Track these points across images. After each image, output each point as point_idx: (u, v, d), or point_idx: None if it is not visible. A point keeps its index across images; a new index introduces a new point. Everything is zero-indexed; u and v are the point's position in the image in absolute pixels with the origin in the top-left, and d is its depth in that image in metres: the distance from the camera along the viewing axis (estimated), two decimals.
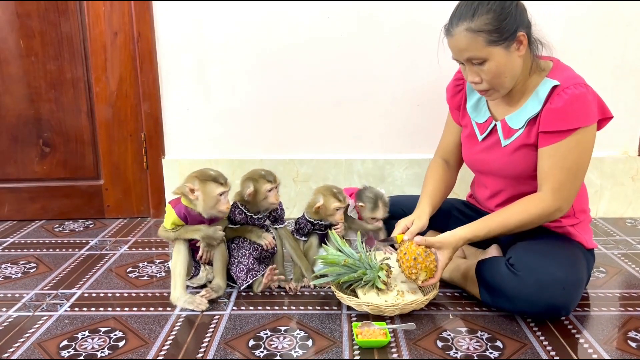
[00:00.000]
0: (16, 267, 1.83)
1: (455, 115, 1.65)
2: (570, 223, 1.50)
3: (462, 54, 1.35)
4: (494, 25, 1.30)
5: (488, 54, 1.33)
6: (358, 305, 1.45)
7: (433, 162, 1.71)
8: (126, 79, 2.21)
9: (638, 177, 2.27)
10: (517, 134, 1.44)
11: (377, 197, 1.71)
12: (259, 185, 1.56)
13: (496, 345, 1.32)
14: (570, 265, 1.38)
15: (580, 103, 1.34)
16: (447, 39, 1.38)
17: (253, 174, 1.59)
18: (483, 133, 1.53)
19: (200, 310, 1.49)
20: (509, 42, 1.32)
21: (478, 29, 1.30)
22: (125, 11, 2.14)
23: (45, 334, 1.39)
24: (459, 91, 1.61)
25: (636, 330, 1.38)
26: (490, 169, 1.54)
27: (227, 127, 2.28)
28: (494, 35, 1.31)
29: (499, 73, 1.35)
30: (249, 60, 2.20)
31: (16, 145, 2.26)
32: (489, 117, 1.52)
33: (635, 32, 2.14)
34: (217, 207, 1.50)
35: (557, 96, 1.35)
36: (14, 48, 2.16)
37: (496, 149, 1.50)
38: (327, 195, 1.63)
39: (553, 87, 1.37)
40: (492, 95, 1.43)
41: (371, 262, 1.48)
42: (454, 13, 1.36)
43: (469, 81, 1.41)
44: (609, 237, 2.07)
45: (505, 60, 1.34)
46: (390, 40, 2.17)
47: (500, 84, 1.38)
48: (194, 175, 1.50)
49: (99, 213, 2.35)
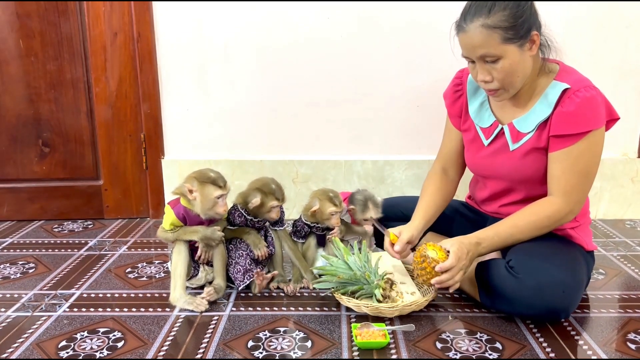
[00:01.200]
0: (15, 268, 1.83)
1: (456, 122, 1.62)
2: (571, 226, 1.50)
3: (476, 50, 1.33)
4: (511, 23, 1.29)
5: (503, 51, 1.31)
6: (357, 307, 1.45)
7: (431, 171, 1.69)
8: (126, 80, 2.21)
9: (638, 179, 2.27)
10: (527, 138, 1.43)
11: (366, 199, 1.71)
12: (267, 200, 1.56)
13: (495, 346, 1.31)
14: (570, 268, 1.38)
15: (592, 106, 1.34)
16: (459, 35, 1.35)
17: (264, 186, 1.57)
18: (489, 137, 1.51)
19: (199, 311, 1.49)
20: (523, 40, 1.32)
21: (494, 25, 1.29)
22: (125, 11, 2.14)
23: (44, 335, 1.39)
24: (459, 97, 1.59)
25: (635, 332, 1.38)
26: (497, 174, 1.53)
27: (227, 128, 2.28)
28: (509, 33, 1.29)
29: (512, 72, 1.34)
30: (248, 61, 2.20)
31: (15, 145, 2.26)
32: (494, 121, 1.50)
33: (635, 33, 2.14)
34: (215, 209, 1.49)
35: (569, 99, 1.35)
36: (13, 48, 2.16)
37: (504, 153, 1.49)
38: (323, 200, 1.63)
39: (563, 90, 1.36)
40: (500, 96, 1.41)
41: (369, 279, 1.46)
42: (467, 9, 1.34)
43: (479, 80, 1.38)
44: (608, 239, 2.06)
45: (519, 59, 1.33)
46: (390, 40, 2.17)
47: (511, 84, 1.37)
48: (193, 176, 1.49)
49: (98, 213, 2.34)
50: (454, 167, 1.67)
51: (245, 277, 1.58)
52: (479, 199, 1.66)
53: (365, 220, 1.71)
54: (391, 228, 1.57)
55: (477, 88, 1.54)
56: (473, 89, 1.55)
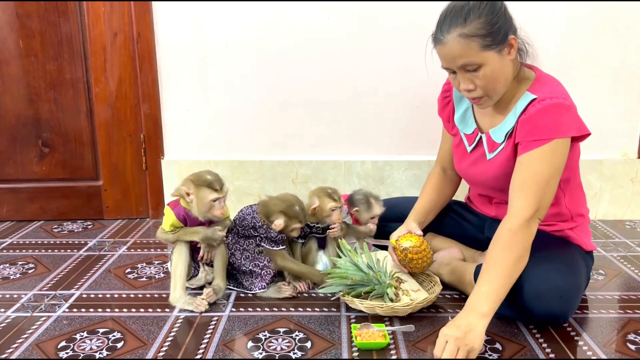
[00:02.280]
0: (15, 268, 1.83)
1: (447, 127, 1.65)
2: (569, 227, 1.50)
3: (456, 61, 1.32)
4: (487, 30, 1.29)
5: (483, 59, 1.30)
6: (370, 308, 1.43)
7: (432, 171, 1.72)
8: (126, 80, 2.21)
9: (637, 180, 2.27)
10: (500, 148, 1.44)
11: (367, 196, 1.72)
12: (290, 223, 1.57)
13: (495, 347, 1.31)
14: (568, 271, 1.37)
15: (554, 113, 1.31)
16: (437, 47, 1.34)
17: (288, 209, 1.57)
18: (471, 144, 1.53)
19: (199, 312, 1.49)
20: (501, 46, 1.31)
21: (472, 33, 1.28)
22: (125, 12, 2.14)
23: (44, 335, 1.39)
24: (447, 103, 1.61)
25: (635, 332, 1.38)
26: (477, 180, 1.56)
27: (227, 128, 2.28)
28: (487, 40, 1.29)
29: (494, 78, 1.33)
30: (248, 61, 2.20)
31: (15, 145, 2.26)
32: (475, 129, 1.52)
33: (635, 34, 2.14)
34: (212, 212, 1.49)
35: (532, 107, 1.34)
36: (13, 48, 2.16)
37: (482, 162, 1.50)
38: (322, 197, 1.63)
39: (531, 100, 1.35)
40: (485, 103, 1.40)
41: (380, 279, 1.45)
42: (443, 20, 1.32)
43: (462, 89, 1.37)
44: (608, 240, 2.06)
45: (499, 64, 1.33)
46: (390, 41, 2.17)
47: (494, 90, 1.36)
48: (189, 179, 1.49)
49: (97, 214, 2.34)
50: (452, 168, 1.68)
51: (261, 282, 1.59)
52: (477, 203, 1.69)
53: (372, 219, 1.71)
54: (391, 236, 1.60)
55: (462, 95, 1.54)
56: (459, 95, 1.56)
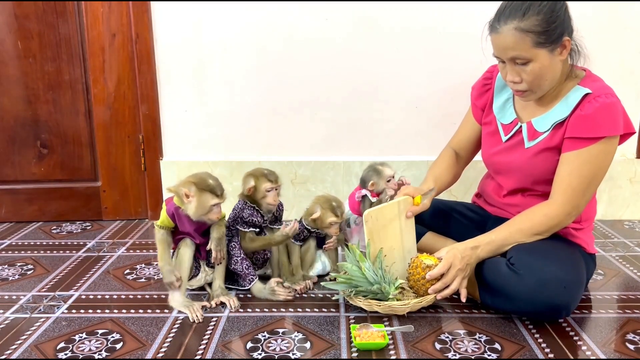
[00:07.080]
0: (13, 269, 1.83)
1: (478, 115, 1.65)
2: (574, 227, 1.51)
3: (507, 52, 1.35)
4: (544, 27, 1.30)
5: (533, 55, 1.33)
6: (369, 305, 1.44)
7: (444, 151, 1.74)
8: (124, 81, 2.21)
9: (636, 180, 2.27)
10: (542, 137, 1.45)
11: (372, 167, 1.76)
12: (260, 183, 1.59)
13: (494, 347, 1.32)
14: (571, 265, 1.39)
15: (610, 112, 1.36)
16: (492, 35, 1.37)
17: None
18: (508, 134, 1.54)
19: (192, 319, 1.45)
20: (554, 45, 1.33)
21: (527, 29, 1.30)
22: (123, 12, 2.14)
23: (43, 336, 1.38)
24: (487, 91, 1.62)
25: (634, 332, 1.39)
26: (508, 169, 1.55)
27: (225, 129, 2.27)
28: (542, 37, 1.31)
29: (541, 75, 1.36)
30: (247, 62, 2.20)
31: (14, 146, 2.25)
32: (514, 119, 1.53)
33: (633, 35, 2.14)
34: (208, 215, 1.49)
35: (588, 103, 1.37)
36: (11, 49, 2.16)
37: (518, 149, 1.51)
38: (325, 209, 1.63)
39: (585, 94, 1.38)
40: (528, 97, 1.43)
41: (384, 290, 1.44)
42: (502, 11, 1.35)
43: (508, 80, 1.41)
44: (607, 240, 2.07)
45: (549, 63, 1.35)
46: (389, 42, 2.17)
47: (539, 86, 1.39)
48: (192, 181, 1.48)
49: (96, 215, 2.34)
50: (464, 152, 1.72)
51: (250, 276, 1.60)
52: (494, 195, 1.65)
53: (388, 182, 1.74)
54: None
55: (504, 85, 1.56)
56: (501, 85, 1.58)
